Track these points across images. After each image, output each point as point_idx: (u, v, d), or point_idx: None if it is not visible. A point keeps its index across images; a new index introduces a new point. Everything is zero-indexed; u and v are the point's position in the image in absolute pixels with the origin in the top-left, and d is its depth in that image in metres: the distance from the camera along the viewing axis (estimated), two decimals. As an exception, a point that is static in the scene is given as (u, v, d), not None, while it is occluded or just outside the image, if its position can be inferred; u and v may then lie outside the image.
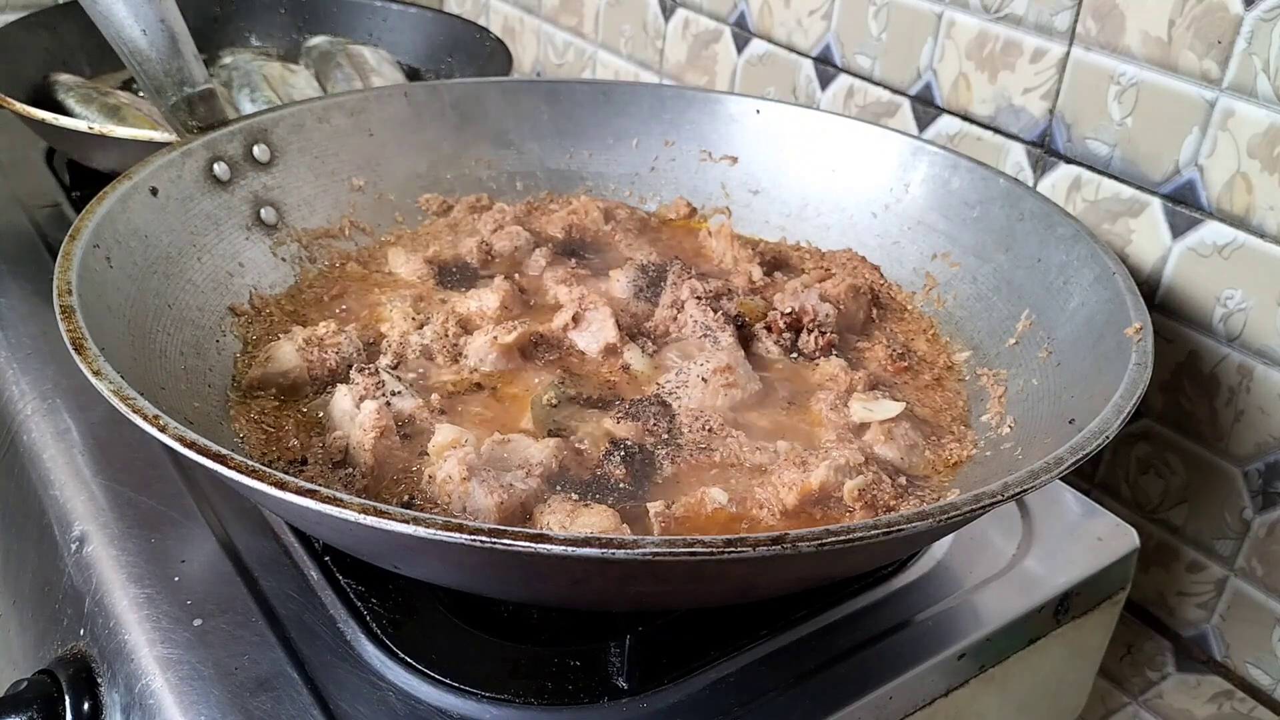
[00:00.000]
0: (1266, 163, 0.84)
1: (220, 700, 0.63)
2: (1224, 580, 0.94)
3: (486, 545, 0.50)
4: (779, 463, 0.74)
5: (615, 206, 1.09)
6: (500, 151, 1.12)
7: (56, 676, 0.70)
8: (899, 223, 1.01)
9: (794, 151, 1.08)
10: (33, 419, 0.87)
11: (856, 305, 0.93)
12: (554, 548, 0.49)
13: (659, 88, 1.16)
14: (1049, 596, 0.78)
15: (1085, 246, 0.84)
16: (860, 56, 1.16)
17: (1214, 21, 0.85)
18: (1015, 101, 1.02)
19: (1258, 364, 0.88)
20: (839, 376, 0.84)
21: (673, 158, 1.13)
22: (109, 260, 0.76)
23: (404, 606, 0.71)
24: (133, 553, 0.74)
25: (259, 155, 0.96)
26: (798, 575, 0.63)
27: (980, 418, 0.83)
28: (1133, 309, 0.75)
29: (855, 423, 0.79)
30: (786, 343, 0.89)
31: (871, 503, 0.71)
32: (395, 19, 1.60)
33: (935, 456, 0.79)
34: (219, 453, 0.55)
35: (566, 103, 1.13)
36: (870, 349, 0.91)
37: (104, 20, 0.91)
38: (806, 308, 0.90)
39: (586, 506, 0.67)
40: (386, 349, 0.84)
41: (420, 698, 0.65)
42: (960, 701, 0.74)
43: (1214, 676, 0.96)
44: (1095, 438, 0.62)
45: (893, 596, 0.76)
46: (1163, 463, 0.96)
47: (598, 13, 1.54)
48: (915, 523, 0.53)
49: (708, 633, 0.70)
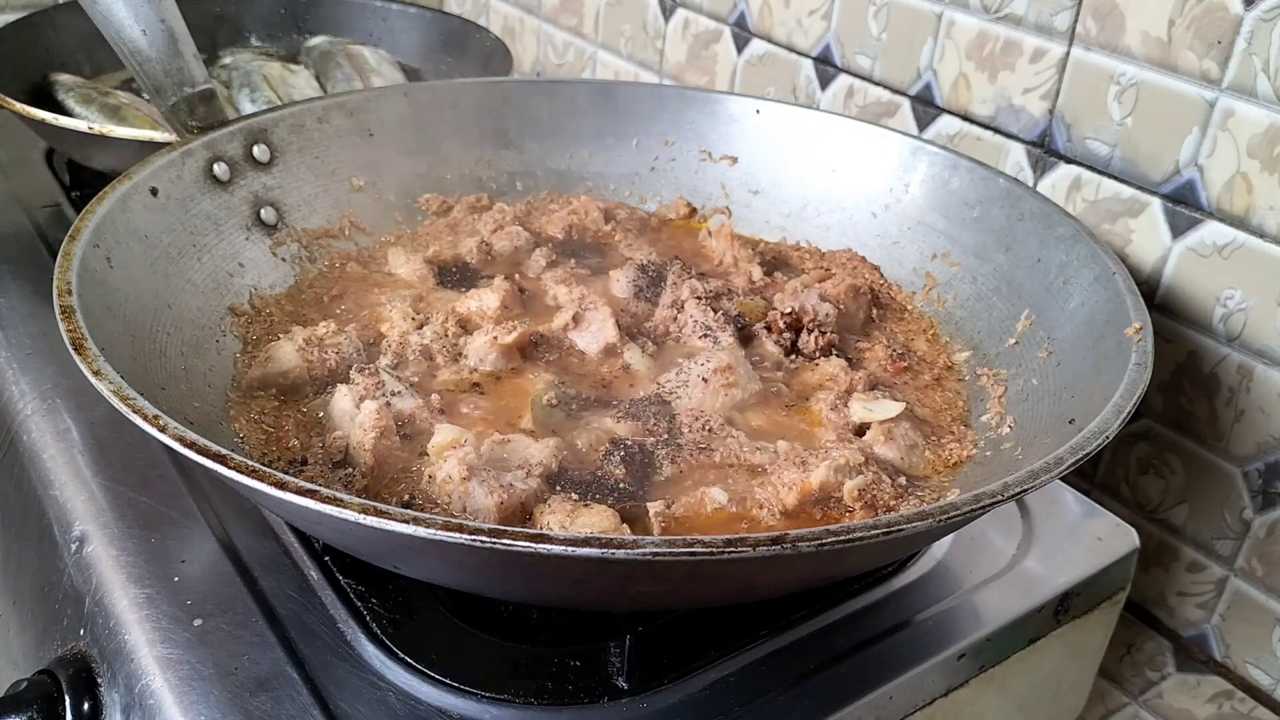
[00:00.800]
0: (1266, 163, 0.84)
1: (220, 700, 0.63)
2: (1224, 580, 0.94)
3: (487, 545, 0.50)
4: (779, 463, 0.74)
5: (615, 206, 1.09)
6: (500, 151, 1.12)
7: (56, 676, 0.70)
8: (899, 223, 1.01)
9: (794, 151, 1.08)
10: (33, 419, 0.87)
11: (856, 305, 0.93)
12: (554, 548, 0.49)
13: (659, 88, 1.16)
14: (1049, 596, 0.78)
15: (1085, 246, 0.84)
16: (860, 56, 1.16)
17: (1214, 21, 0.85)
18: (1015, 101, 1.02)
19: (1258, 364, 0.88)
20: (839, 376, 0.84)
21: (673, 158, 1.13)
22: (109, 260, 0.76)
23: (404, 606, 0.71)
24: (133, 553, 0.74)
25: (259, 155, 0.96)
26: (798, 575, 0.63)
27: (980, 418, 0.83)
28: (1133, 309, 0.75)
29: (855, 423, 0.79)
30: (786, 343, 0.89)
31: (871, 503, 0.71)
32: (395, 19, 1.60)
33: (935, 456, 0.79)
34: (219, 453, 0.55)
35: (566, 103, 1.13)
36: (870, 349, 0.91)
37: (104, 20, 0.91)
38: (806, 308, 0.90)
39: (586, 506, 0.67)
40: (386, 349, 0.83)
41: (420, 698, 0.65)
42: (960, 701, 0.74)
43: (1214, 676, 0.96)
44: (1095, 438, 0.62)
45: (893, 596, 0.76)
46: (1163, 463, 0.96)
47: (598, 13, 1.54)
48: (915, 523, 0.53)
49: (708, 633, 0.70)
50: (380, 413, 0.73)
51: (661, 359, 0.86)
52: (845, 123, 1.06)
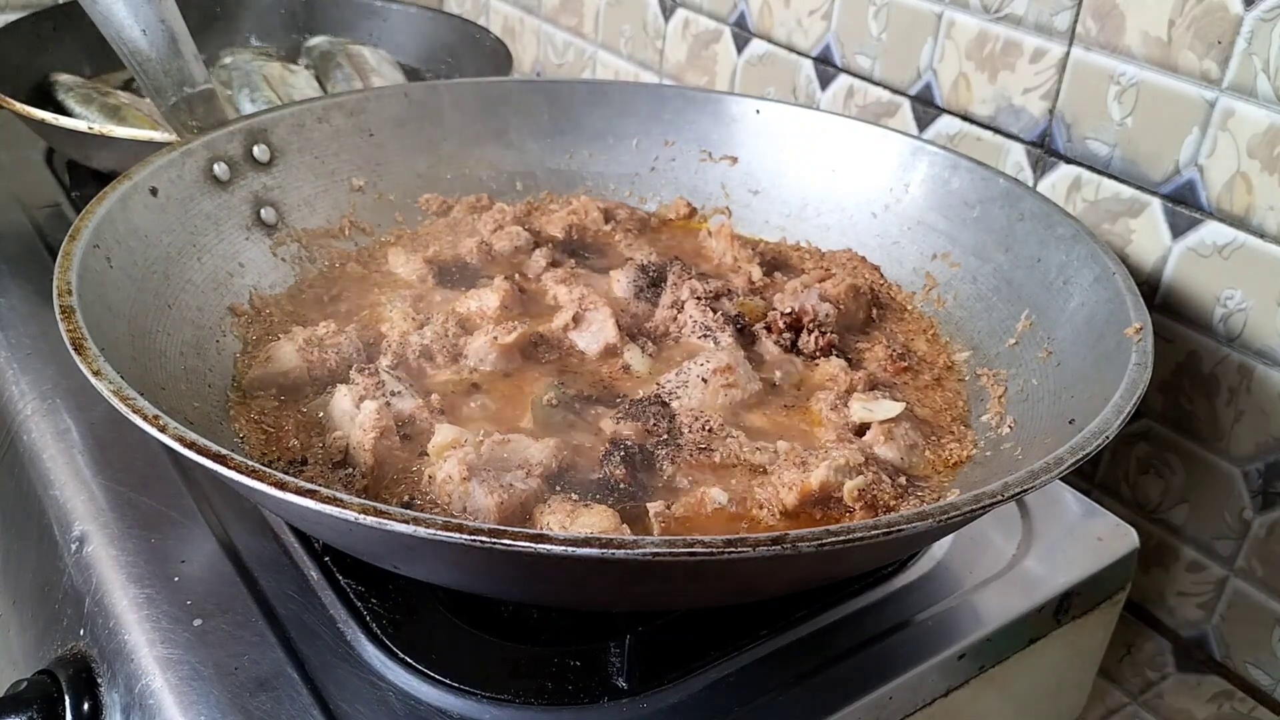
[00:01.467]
0: (1266, 163, 0.84)
1: (220, 700, 0.63)
2: (1224, 580, 0.94)
3: (486, 545, 0.50)
4: (779, 463, 0.74)
5: (615, 206, 1.09)
6: (500, 151, 1.12)
7: (56, 676, 0.70)
8: (899, 223, 1.01)
9: (794, 151, 1.08)
10: (33, 419, 0.87)
11: (856, 305, 0.93)
12: (554, 548, 0.49)
13: (659, 88, 1.16)
14: (1049, 596, 0.78)
15: (1085, 246, 0.84)
16: (860, 56, 1.16)
17: (1214, 21, 0.85)
18: (1015, 101, 1.02)
19: (1258, 364, 0.88)
20: (839, 377, 0.84)
21: (673, 158, 1.13)
22: (109, 260, 0.76)
23: (404, 606, 0.71)
24: (133, 553, 0.74)
25: (259, 155, 0.96)
26: (798, 575, 0.63)
27: (980, 418, 0.83)
28: (1133, 309, 0.75)
29: (855, 423, 0.79)
30: (786, 343, 0.89)
31: (872, 503, 0.71)
32: (395, 19, 1.60)
33: (935, 456, 0.79)
34: (219, 453, 0.55)
35: (566, 103, 1.13)
36: (870, 349, 0.91)
37: (104, 20, 0.91)
38: (806, 308, 0.90)
39: (586, 507, 0.67)
40: (386, 349, 0.83)
41: (420, 698, 0.65)
42: (960, 702, 0.74)
43: (1214, 676, 0.96)
44: (1095, 438, 0.62)
45: (893, 596, 0.76)
46: (1163, 463, 0.96)
47: (598, 13, 1.54)
48: (915, 523, 0.53)
49: (708, 633, 0.70)
50: (380, 413, 0.73)
51: (661, 359, 0.86)
52: (845, 123, 1.06)
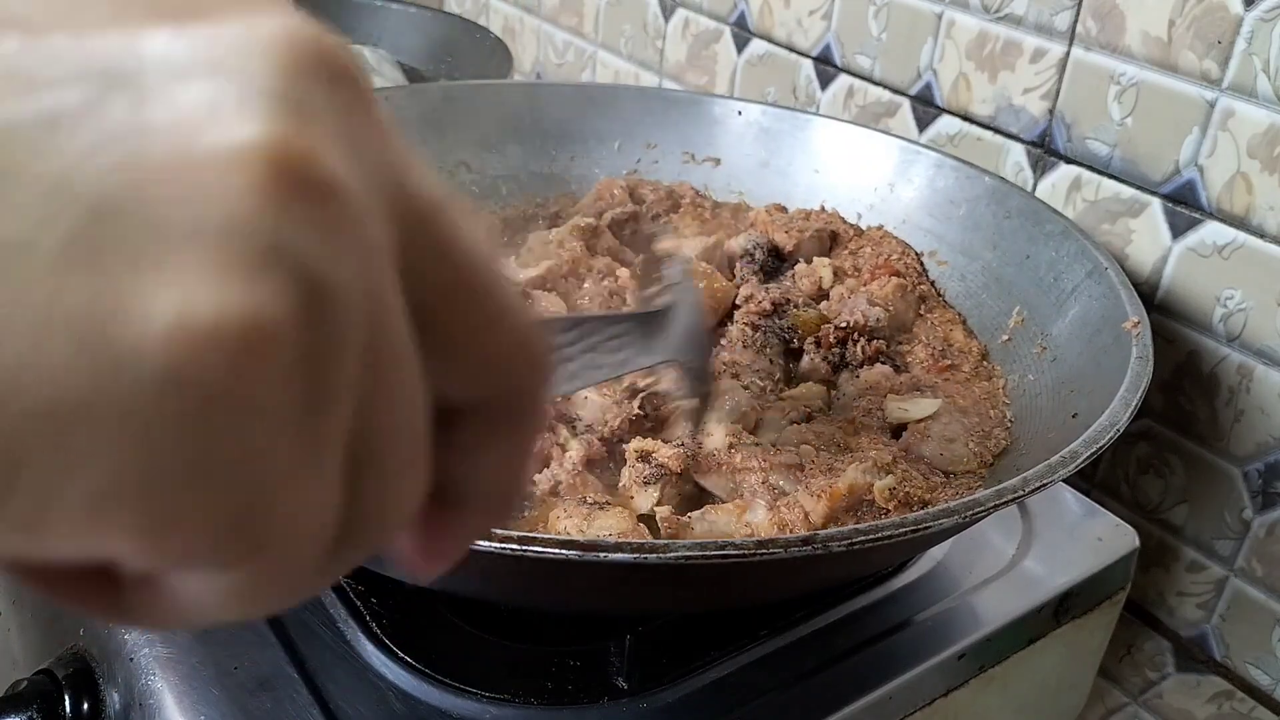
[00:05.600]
0: (1266, 163, 0.84)
1: (220, 700, 0.63)
2: (1224, 580, 0.94)
3: (515, 554, 0.49)
4: (808, 469, 0.72)
5: (638, 184, 1.06)
6: (483, 155, 1.10)
7: (56, 676, 0.70)
8: (884, 222, 1.01)
9: (777, 152, 1.08)
10: (32, 419, 0.87)
11: (905, 305, 0.91)
12: (584, 554, 0.49)
13: (640, 89, 1.16)
14: (1049, 596, 0.78)
15: (1074, 243, 0.84)
16: (860, 56, 1.16)
17: (1214, 21, 0.85)
18: (1015, 101, 1.02)
19: (1258, 364, 0.88)
20: (880, 384, 0.82)
21: (655, 160, 1.12)
22: (109, 260, 0.76)
23: (404, 606, 0.71)
24: (132, 553, 0.74)
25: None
26: (828, 575, 0.62)
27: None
28: (1128, 303, 0.75)
29: (891, 423, 0.78)
30: (835, 358, 0.86)
31: (905, 500, 0.69)
32: (395, 19, 1.60)
33: (982, 449, 0.76)
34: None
35: (547, 105, 1.12)
36: (911, 350, 0.88)
37: (104, 20, 0.91)
38: (859, 320, 0.87)
39: (602, 509, 0.66)
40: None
41: (420, 698, 0.65)
42: (960, 702, 0.74)
43: (1214, 676, 0.96)
44: (1107, 430, 0.62)
45: (893, 596, 0.76)
46: (1163, 463, 0.96)
47: (598, 13, 1.54)
48: (941, 519, 0.53)
49: (708, 633, 0.70)
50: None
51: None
52: (828, 123, 1.06)
